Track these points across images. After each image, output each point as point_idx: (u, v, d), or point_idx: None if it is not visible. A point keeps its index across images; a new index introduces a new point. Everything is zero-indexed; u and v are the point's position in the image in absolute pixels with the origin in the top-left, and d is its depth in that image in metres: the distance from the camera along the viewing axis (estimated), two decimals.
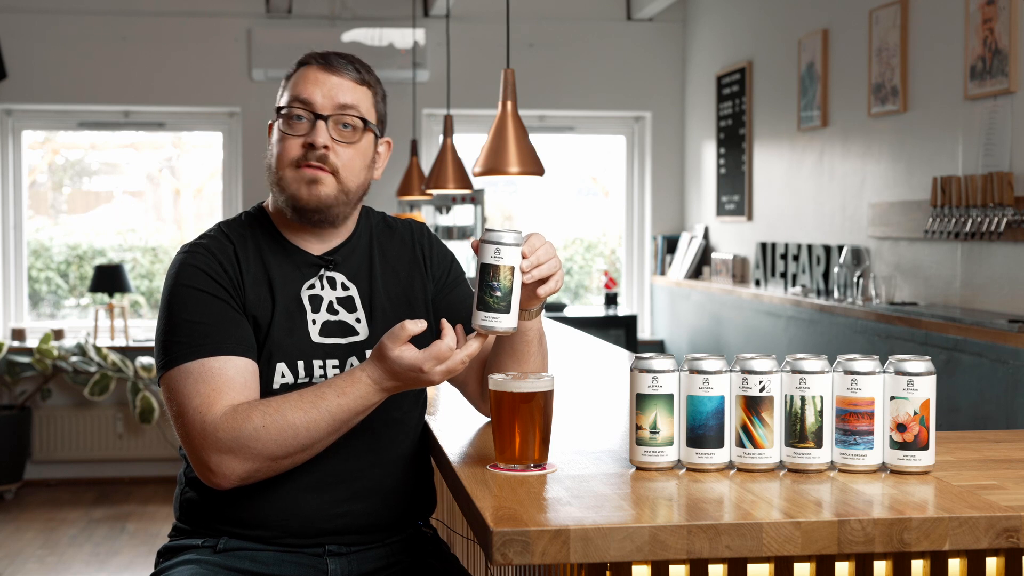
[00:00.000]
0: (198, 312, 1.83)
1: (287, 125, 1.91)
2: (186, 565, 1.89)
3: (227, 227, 1.96)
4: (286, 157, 1.90)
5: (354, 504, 1.92)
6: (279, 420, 1.75)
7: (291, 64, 1.98)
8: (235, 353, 1.82)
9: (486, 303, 1.72)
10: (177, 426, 1.81)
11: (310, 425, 1.76)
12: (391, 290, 2.00)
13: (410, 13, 6.48)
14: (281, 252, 1.94)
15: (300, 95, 1.90)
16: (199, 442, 1.77)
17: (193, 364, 1.79)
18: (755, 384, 1.67)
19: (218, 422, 1.75)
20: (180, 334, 1.82)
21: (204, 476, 1.79)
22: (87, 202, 7.00)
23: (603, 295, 6.85)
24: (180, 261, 1.89)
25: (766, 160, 5.67)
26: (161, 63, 6.43)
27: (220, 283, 1.86)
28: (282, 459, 1.78)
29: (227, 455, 1.75)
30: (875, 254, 4.56)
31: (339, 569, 1.92)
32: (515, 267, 1.72)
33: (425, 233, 2.10)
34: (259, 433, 1.74)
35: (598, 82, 6.78)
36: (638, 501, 1.52)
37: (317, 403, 1.77)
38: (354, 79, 1.93)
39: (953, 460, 1.78)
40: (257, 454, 1.75)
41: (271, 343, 1.87)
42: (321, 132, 1.88)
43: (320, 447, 1.80)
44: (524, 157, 2.80)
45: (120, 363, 6.12)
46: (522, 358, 1.92)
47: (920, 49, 4.26)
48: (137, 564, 4.85)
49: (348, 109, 1.91)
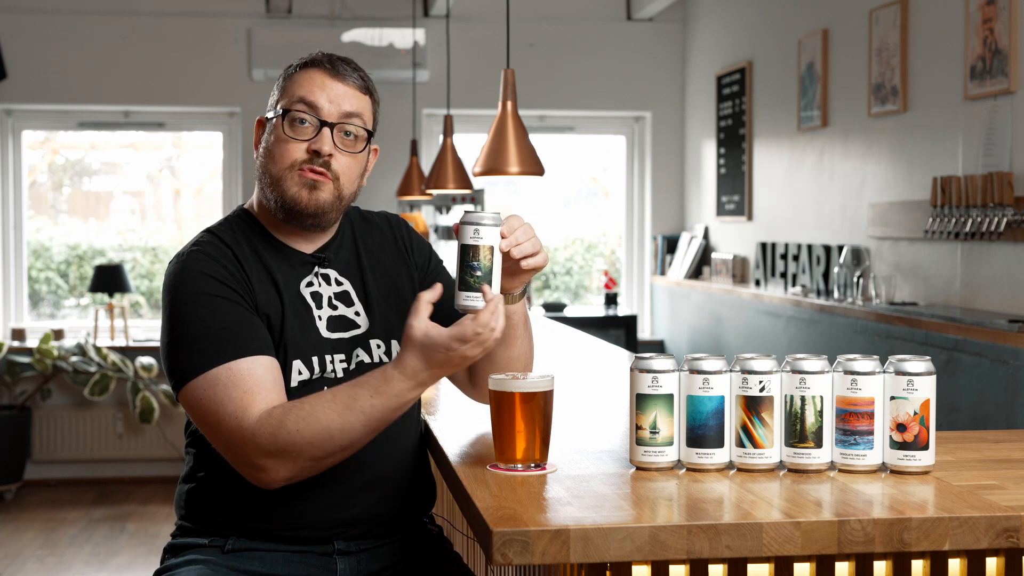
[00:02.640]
0: (213, 317, 1.80)
1: (290, 128, 1.89)
2: (193, 565, 1.88)
3: (218, 231, 1.94)
4: (287, 159, 1.89)
5: (366, 494, 1.92)
6: (313, 424, 1.72)
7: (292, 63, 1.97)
8: (259, 352, 1.80)
9: (467, 283, 1.72)
10: (213, 433, 1.78)
11: (344, 427, 1.73)
12: (380, 281, 2.01)
13: (410, 13, 6.48)
14: (275, 252, 1.94)
15: (306, 98, 1.89)
16: (241, 447, 1.74)
17: (219, 370, 1.76)
18: (755, 384, 1.67)
19: (255, 427, 1.73)
20: (199, 342, 1.78)
21: (254, 478, 1.77)
22: (87, 202, 6.99)
23: (603, 295, 6.85)
24: (181, 269, 1.85)
25: (766, 160, 5.67)
26: (161, 63, 6.43)
27: (229, 285, 1.84)
28: (323, 459, 1.76)
29: (269, 459, 1.73)
30: (875, 254, 4.56)
31: (348, 569, 1.93)
32: (494, 247, 1.73)
33: (403, 224, 2.11)
34: (294, 438, 1.72)
35: (598, 82, 6.78)
36: (638, 501, 1.52)
37: (351, 404, 1.74)
38: (359, 87, 1.93)
39: (953, 460, 1.78)
40: (297, 456, 1.73)
41: (286, 340, 1.87)
42: (326, 139, 1.88)
43: (361, 444, 1.78)
44: (524, 157, 2.80)
45: (120, 363, 6.12)
46: (509, 342, 1.93)
47: (920, 49, 4.26)
48: (137, 564, 4.85)
49: (353, 118, 1.91)
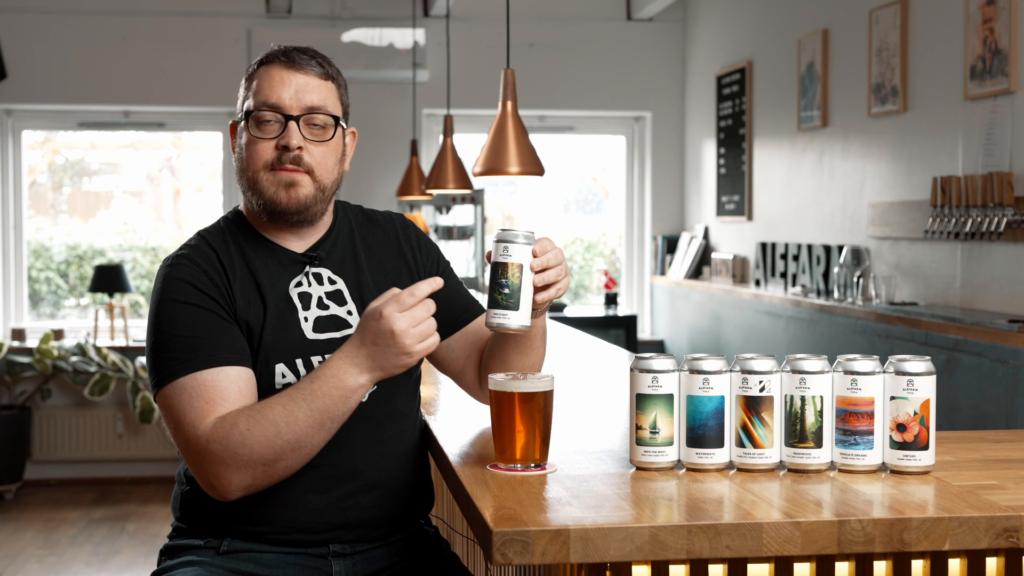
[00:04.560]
0: (187, 326, 1.80)
1: (257, 128, 1.89)
2: (189, 567, 1.88)
3: (207, 234, 1.95)
4: (259, 160, 1.88)
5: (361, 498, 1.91)
6: (260, 420, 1.72)
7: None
8: (227, 363, 1.79)
9: (495, 300, 1.72)
10: (175, 442, 1.79)
11: (289, 419, 1.71)
12: (379, 281, 1.99)
13: (410, 13, 6.48)
14: (265, 253, 1.93)
15: (268, 99, 1.88)
16: (196, 457, 1.75)
17: (186, 379, 1.77)
18: (755, 384, 1.67)
19: (209, 434, 1.73)
20: (171, 350, 1.79)
21: (208, 490, 1.77)
22: (87, 202, 6.99)
23: (603, 295, 6.85)
24: (164, 275, 1.86)
25: (766, 160, 5.67)
26: (161, 63, 6.43)
27: (207, 293, 1.84)
28: (274, 462, 1.73)
29: (222, 467, 1.72)
30: (875, 254, 4.56)
31: (343, 570, 1.92)
32: (523, 265, 1.72)
33: (410, 226, 2.10)
34: (245, 437, 1.71)
35: (598, 82, 6.78)
36: (638, 501, 1.52)
37: (294, 394, 1.73)
38: (319, 74, 1.91)
39: (953, 460, 1.78)
40: (247, 460, 1.72)
41: (266, 345, 1.86)
42: (294, 133, 1.87)
43: (310, 445, 1.74)
44: (524, 157, 2.80)
45: (120, 363, 6.12)
46: (525, 351, 1.93)
47: (920, 49, 4.26)
48: (137, 564, 4.85)
49: (317, 109, 1.90)
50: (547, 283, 1.76)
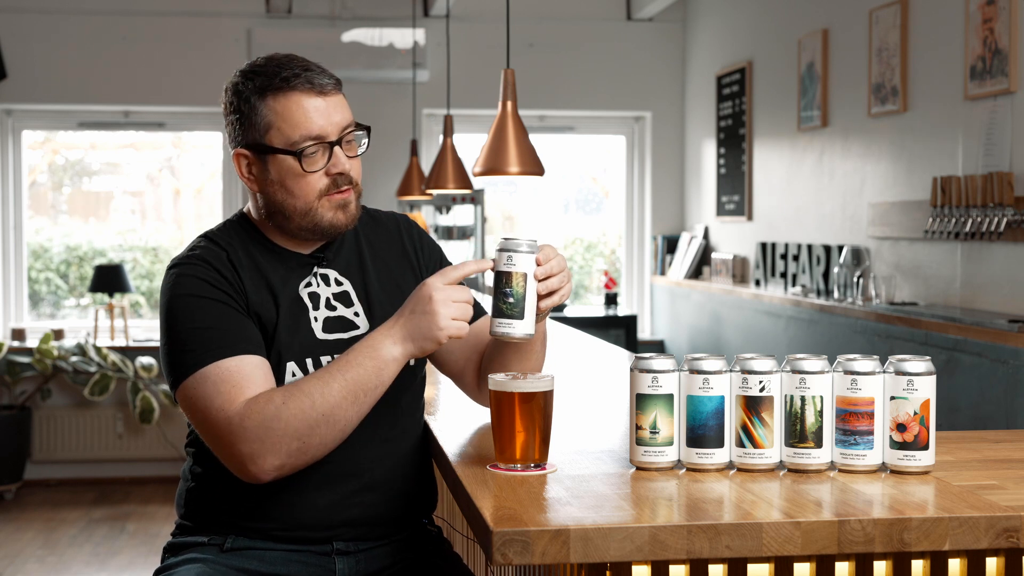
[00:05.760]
0: (203, 319, 1.81)
1: (307, 163, 1.87)
2: (192, 563, 1.89)
3: (214, 235, 1.96)
4: (313, 192, 1.88)
5: (365, 496, 1.92)
6: (295, 392, 1.74)
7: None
8: (249, 352, 1.80)
9: (500, 309, 1.73)
10: (203, 430, 1.79)
11: (323, 388, 1.73)
12: (384, 281, 2.00)
13: (410, 13, 6.48)
14: (272, 255, 1.94)
15: (311, 132, 1.86)
16: (228, 438, 1.74)
17: (209, 368, 1.77)
18: (755, 384, 1.67)
19: (242, 412, 1.73)
20: (190, 343, 1.80)
21: (242, 471, 1.76)
22: (87, 202, 6.99)
23: (603, 295, 6.85)
24: (176, 275, 1.87)
25: (766, 160, 5.67)
26: (161, 63, 6.43)
27: (221, 288, 1.85)
28: (308, 436, 1.73)
29: (257, 443, 1.73)
30: (875, 254, 4.56)
31: (347, 568, 1.92)
32: (527, 274, 1.73)
33: (413, 226, 2.11)
34: (280, 411, 1.72)
35: (598, 82, 6.78)
36: (638, 501, 1.52)
37: (328, 367, 1.77)
38: (337, 90, 1.92)
39: (953, 460, 1.78)
40: (282, 434, 1.72)
41: (279, 343, 1.87)
42: (341, 158, 1.89)
43: (344, 419, 1.76)
44: (524, 157, 2.80)
45: (120, 363, 6.12)
46: (525, 356, 1.94)
47: (920, 49, 4.26)
48: (137, 564, 4.85)
49: (349, 126, 1.91)
50: (551, 290, 1.78)
